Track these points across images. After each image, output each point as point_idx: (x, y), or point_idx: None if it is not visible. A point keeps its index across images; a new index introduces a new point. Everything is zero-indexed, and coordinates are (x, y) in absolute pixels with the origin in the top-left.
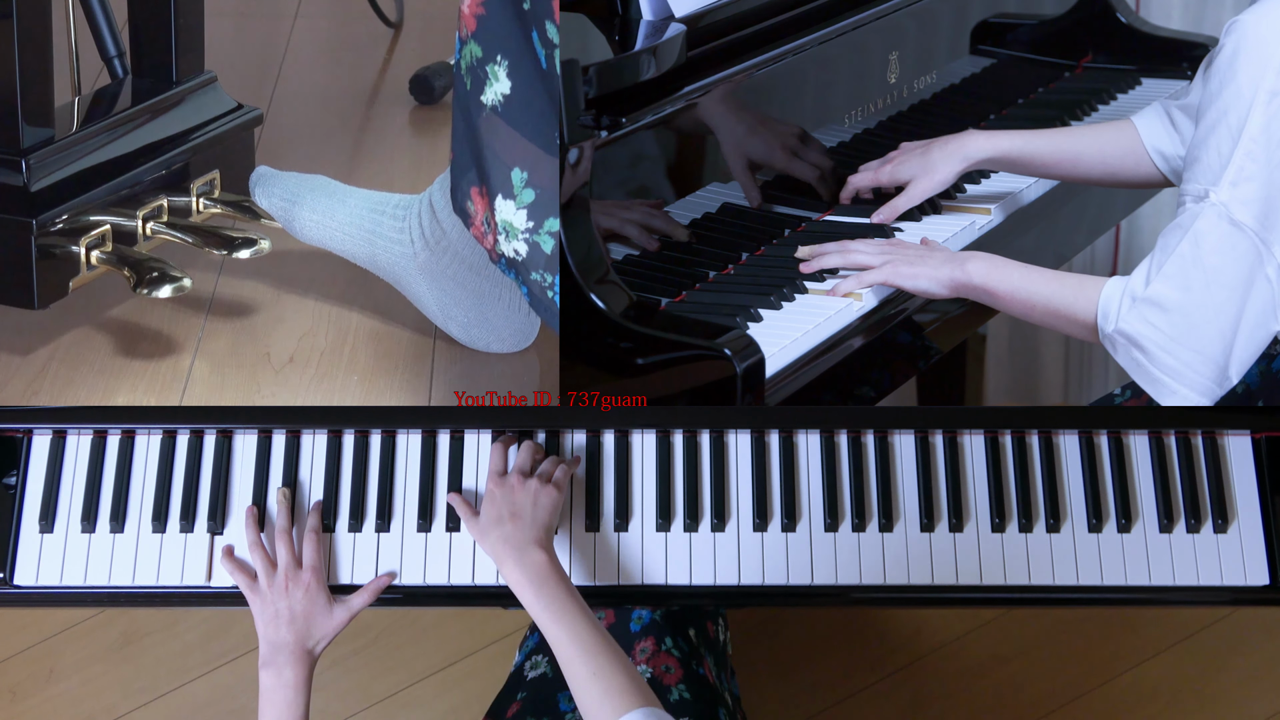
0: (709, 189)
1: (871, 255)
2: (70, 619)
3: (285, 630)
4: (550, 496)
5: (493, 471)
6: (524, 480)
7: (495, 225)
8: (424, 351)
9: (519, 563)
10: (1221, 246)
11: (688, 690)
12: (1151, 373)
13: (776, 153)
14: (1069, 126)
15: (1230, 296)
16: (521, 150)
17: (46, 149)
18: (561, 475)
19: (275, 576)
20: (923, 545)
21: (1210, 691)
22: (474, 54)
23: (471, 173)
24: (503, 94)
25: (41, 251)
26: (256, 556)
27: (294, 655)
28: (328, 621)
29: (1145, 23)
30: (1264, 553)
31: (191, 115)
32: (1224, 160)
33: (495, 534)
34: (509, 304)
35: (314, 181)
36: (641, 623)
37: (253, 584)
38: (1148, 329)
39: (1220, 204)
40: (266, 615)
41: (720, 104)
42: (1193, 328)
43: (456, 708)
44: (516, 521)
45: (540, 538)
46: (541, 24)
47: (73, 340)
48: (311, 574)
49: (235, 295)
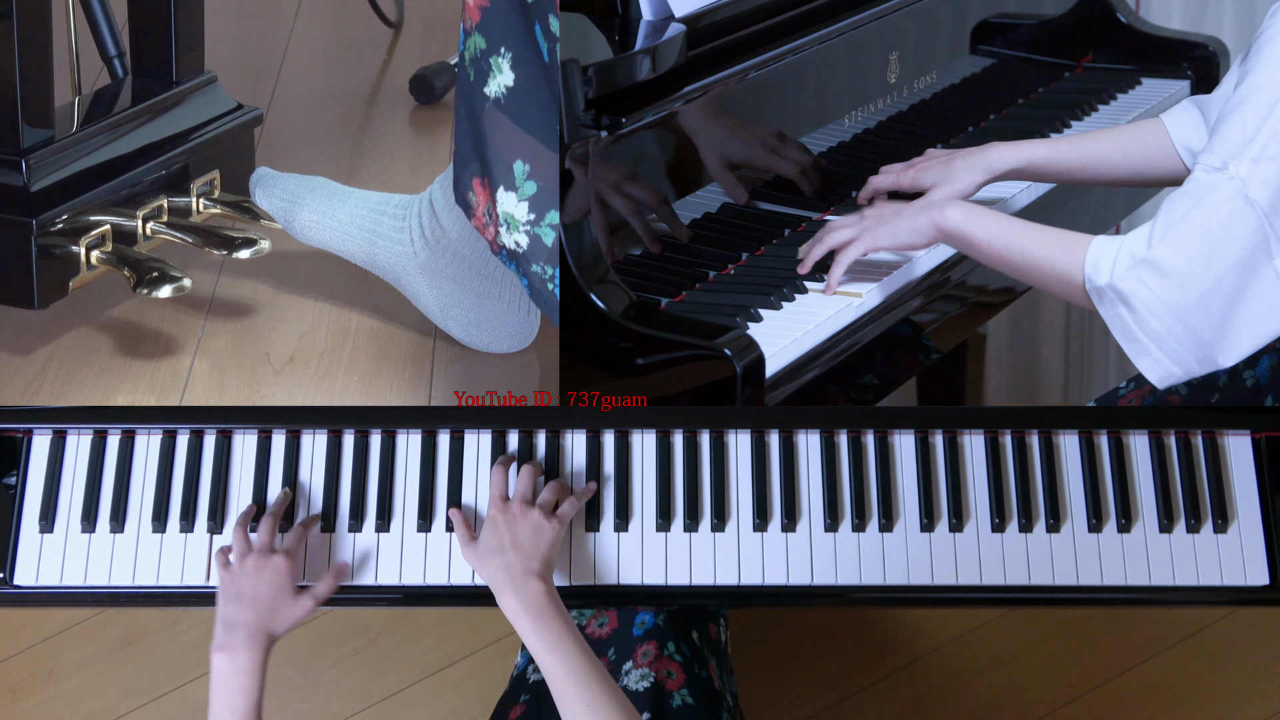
0: (709, 189)
1: (848, 230)
2: (70, 619)
3: (246, 609)
4: (553, 530)
5: (494, 496)
6: (526, 509)
7: (497, 217)
8: (424, 351)
9: (517, 593)
10: (1231, 221)
11: (691, 695)
12: (1134, 332)
13: (755, 153)
14: (1091, 131)
15: (1227, 274)
16: (523, 143)
17: (46, 149)
18: (568, 509)
19: (248, 557)
20: (923, 545)
21: (1210, 691)
22: (478, 46)
23: (474, 164)
24: (506, 86)
25: (41, 251)
26: (237, 536)
27: (252, 636)
28: (291, 608)
29: (1145, 23)
30: (1264, 553)
31: (191, 115)
32: (1248, 136)
33: (495, 563)
34: (509, 304)
35: (314, 182)
36: (644, 627)
37: (223, 563)
38: (1141, 289)
39: (1238, 178)
40: (229, 593)
41: (696, 113)
42: (1186, 296)
43: (456, 708)
44: (517, 551)
45: (539, 569)
46: (545, 17)
47: (73, 340)
48: (283, 558)
49: (235, 295)
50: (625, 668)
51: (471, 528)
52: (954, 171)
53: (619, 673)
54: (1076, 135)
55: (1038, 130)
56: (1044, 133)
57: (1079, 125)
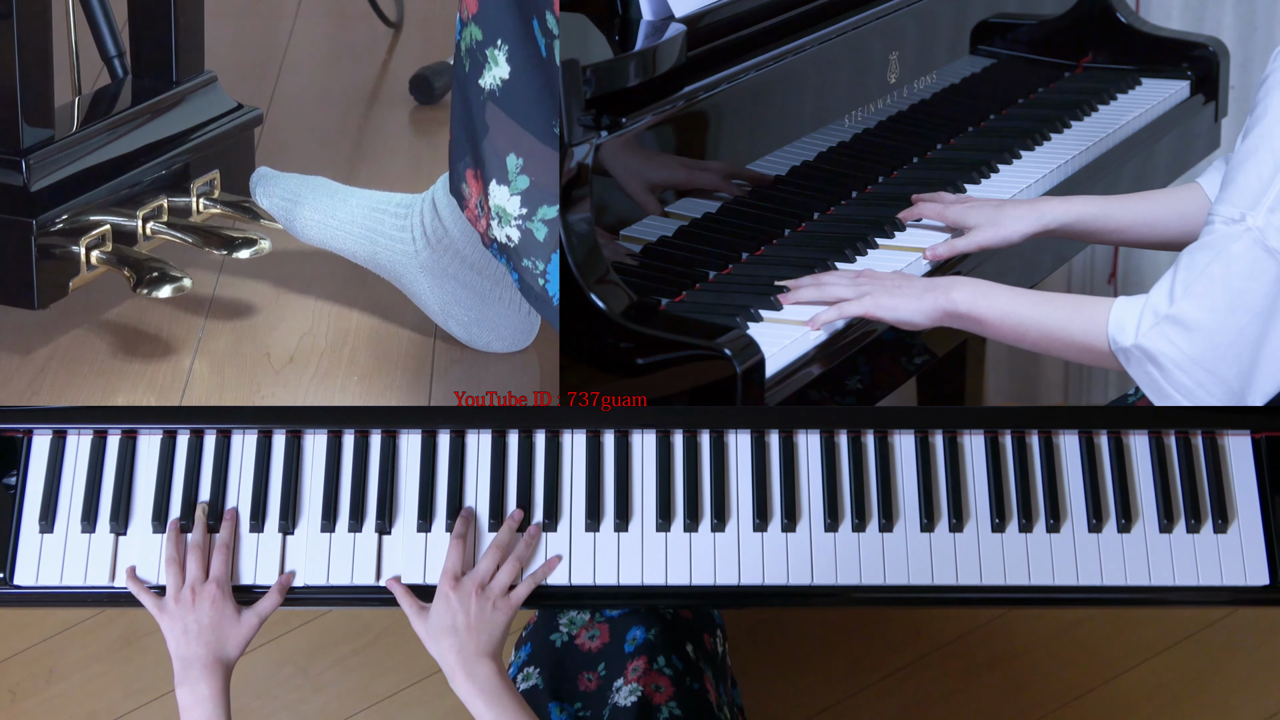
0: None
1: (846, 288)
2: (70, 619)
3: (195, 644)
4: (506, 614)
5: (448, 570)
6: (481, 590)
7: (489, 210)
8: (424, 351)
9: (470, 675)
10: (1253, 271)
11: (679, 707)
12: (1165, 389)
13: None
14: (1138, 193)
15: (1252, 322)
16: (517, 137)
17: (46, 149)
18: (522, 592)
19: (182, 592)
20: (923, 545)
21: (1210, 691)
22: (474, 36)
23: (468, 155)
24: (501, 79)
25: (41, 251)
26: (169, 573)
27: (207, 668)
28: (236, 630)
29: (1145, 23)
30: (1264, 553)
31: (191, 115)
32: (1263, 184)
33: (446, 642)
34: (510, 303)
35: (314, 181)
36: (635, 644)
37: (159, 602)
38: (1168, 346)
39: (1256, 229)
40: (175, 631)
41: (615, 155)
42: (1213, 349)
43: (457, 708)
44: (469, 632)
45: (491, 650)
46: (542, 13)
47: (73, 340)
48: (215, 585)
49: (235, 295)
50: (616, 684)
51: (415, 598)
52: (1003, 218)
53: (609, 689)
54: (1127, 196)
55: (1038, 130)
56: (1043, 132)
57: (1079, 125)
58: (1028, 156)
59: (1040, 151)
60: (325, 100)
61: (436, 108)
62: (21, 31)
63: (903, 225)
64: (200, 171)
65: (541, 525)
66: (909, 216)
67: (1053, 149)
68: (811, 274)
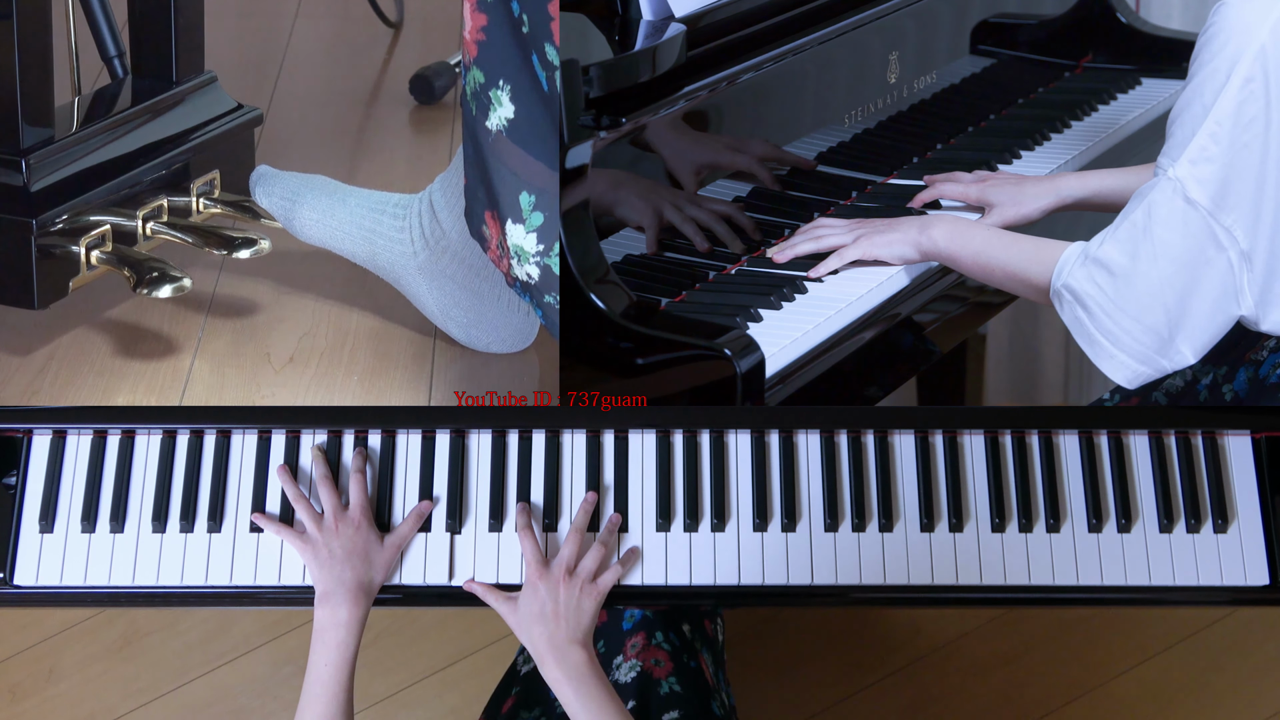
0: (709, 188)
1: (842, 234)
2: (70, 619)
3: (343, 568)
4: (595, 601)
5: (533, 561)
6: (569, 577)
7: (508, 250)
8: (424, 351)
9: (560, 662)
10: (1171, 221)
11: (679, 683)
12: (1091, 332)
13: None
14: (1151, 164)
15: (1177, 271)
16: (528, 173)
17: (46, 149)
18: (610, 578)
19: (324, 520)
20: (923, 545)
21: (1210, 691)
22: (477, 80)
23: (483, 198)
24: (507, 118)
25: (41, 251)
26: (301, 508)
27: (350, 592)
28: (381, 555)
29: (1145, 23)
30: (1264, 553)
31: (191, 115)
32: (1187, 138)
33: (537, 630)
34: (509, 304)
35: (314, 181)
36: (633, 620)
37: (300, 534)
38: (1093, 288)
39: (1176, 179)
40: (321, 558)
41: (694, 119)
42: (1135, 295)
43: (456, 708)
44: (559, 621)
45: (581, 638)
46: (541, 47)
47: (73, 340)
48: (359, 510)
49: (235, 295)
50: (616, 661)
51: (501, 591)
52: (1022, 195)
53: (609, 666)
54: (1141, 166)
55: (1038, 130)
56: (1044, 132)
57: (1079, 125)
58: (1028, 156)
59: (1040, 151)
60: (325, 100)
61: (436, 108)
62: (21, 31)
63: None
64: (200, 171)
65: (619, 520)
66: (924, 199)
67: (1053, 149)
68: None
